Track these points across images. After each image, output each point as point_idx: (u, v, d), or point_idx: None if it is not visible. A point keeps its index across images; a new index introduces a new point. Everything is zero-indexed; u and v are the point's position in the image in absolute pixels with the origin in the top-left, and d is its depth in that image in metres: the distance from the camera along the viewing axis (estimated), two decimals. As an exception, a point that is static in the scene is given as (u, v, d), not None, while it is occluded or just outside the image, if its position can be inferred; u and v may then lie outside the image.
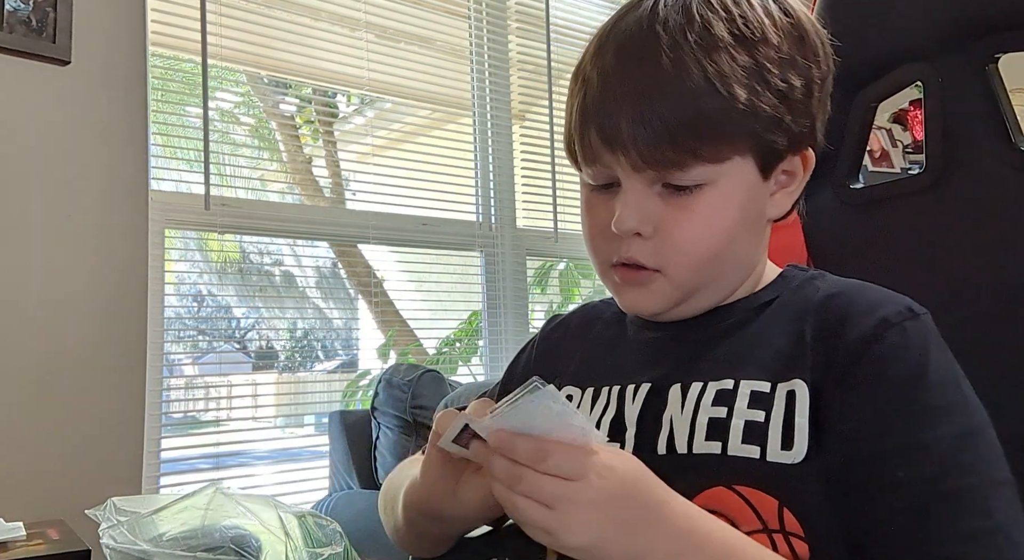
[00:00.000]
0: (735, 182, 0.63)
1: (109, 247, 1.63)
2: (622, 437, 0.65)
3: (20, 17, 1.54)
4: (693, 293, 0.66)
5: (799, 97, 0.63)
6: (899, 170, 2.28)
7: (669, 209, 0.63)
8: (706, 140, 0.60)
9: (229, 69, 2.07)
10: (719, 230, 0.64)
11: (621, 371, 0.70)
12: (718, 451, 0.59)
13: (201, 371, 2.19)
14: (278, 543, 0.70)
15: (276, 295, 2.28)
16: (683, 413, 0.63)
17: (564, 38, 2.59)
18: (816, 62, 0.65)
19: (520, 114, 2.53)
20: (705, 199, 0.62)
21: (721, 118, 0.60)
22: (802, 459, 0.57)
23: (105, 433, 1.59)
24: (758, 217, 0.67)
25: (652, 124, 0.60)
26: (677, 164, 0.61)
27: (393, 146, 2.41)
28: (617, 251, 0.66)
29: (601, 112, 0.63)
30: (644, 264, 0.64)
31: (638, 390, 0.67)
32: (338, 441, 1.85)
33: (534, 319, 2.53)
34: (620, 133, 0.61)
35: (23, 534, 1.11)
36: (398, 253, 2.41)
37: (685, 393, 0.64)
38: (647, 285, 0.66)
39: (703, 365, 0.65)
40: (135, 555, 0.54)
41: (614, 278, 0.68)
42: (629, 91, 0.61)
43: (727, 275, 0.67)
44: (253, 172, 2.20)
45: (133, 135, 1.68)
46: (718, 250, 0.64)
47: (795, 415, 0.58)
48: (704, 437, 0.60)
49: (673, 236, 0.63)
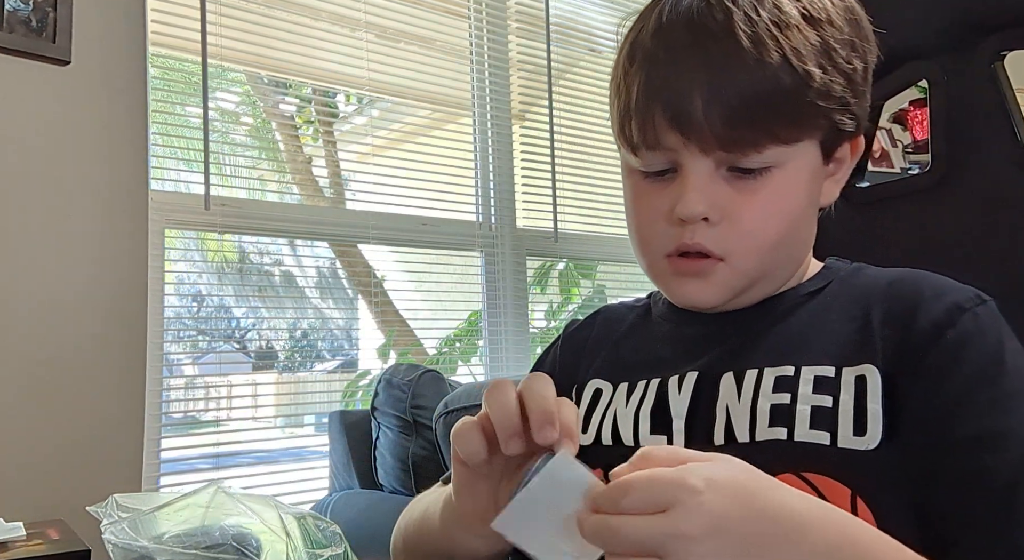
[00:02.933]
0: (801, 165, 0.61)
1: (109, 247, 1.63)
2: (668, 429, 0.63)
3: (20, 17, 1.54)
4: (753, 283, 0.64)
5: (860, 80, 0.62)
6: (899, 170, 2.28)
7: (736, 193, 0.60)
8: (782, 119, 0.59)
9: (229, 69, 2.07)
10: (786, 215, 0.62)
11: (659, 365, 0.67)
12: (784, 437, 0.57)
13: (201, 371, 2.18)
14: (278, 542, 0.70)
15: (276, 295, 2.27)
16: (740, 401, 0.60)
17: (564, 38, 2.59)
18: (870, 47, 0.64)
19: (520, 114, 2.53)
20: (773, 183, 0.60)
21: (798, 96, 0.58)
22: (876, 446, 0.55)
23: (105, 433, 1.59)
24: (816, 203, 0.65)
25: (729, 101, 0.58)
26: (752, 144, 0.59)
27: (393, 146, 2.41)
28: (674, 241, 0.62)
29: (671, 89, 0.60)
30: (710, 251, 0.61)
31: (683, 381, 0.64)
32: (338, 441, 1.85)
33: (534, 319, 2.53)
34: (693, 111, 0.58)
35: (23, 534, 1.10)
36: (398, 253, 2.40)
37: (740, 381, 0.61)
38: (708, 275, 0.62)
39: (754, 354, 0.63)
40: (136, 552, 0.54)
41: (668, 270, 0.64)
42: (704, 66, 0.59)
43: (786, 264, 0.65)
44: (253, 172, 2.20)
45: (133, 135, 1.67)
46: (784, 236, 0.62)
47: (867, 401, 0.56)
48: (767, 423, 0.58)
49: (742, 221, 0.61)
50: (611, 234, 2.63)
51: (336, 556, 0.76)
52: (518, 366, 2.38)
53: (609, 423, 0.66)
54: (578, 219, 2.58)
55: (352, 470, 1.81)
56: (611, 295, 2.76)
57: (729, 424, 0.60)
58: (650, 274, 0.68)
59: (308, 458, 2.06)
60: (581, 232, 2.59)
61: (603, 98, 2.60)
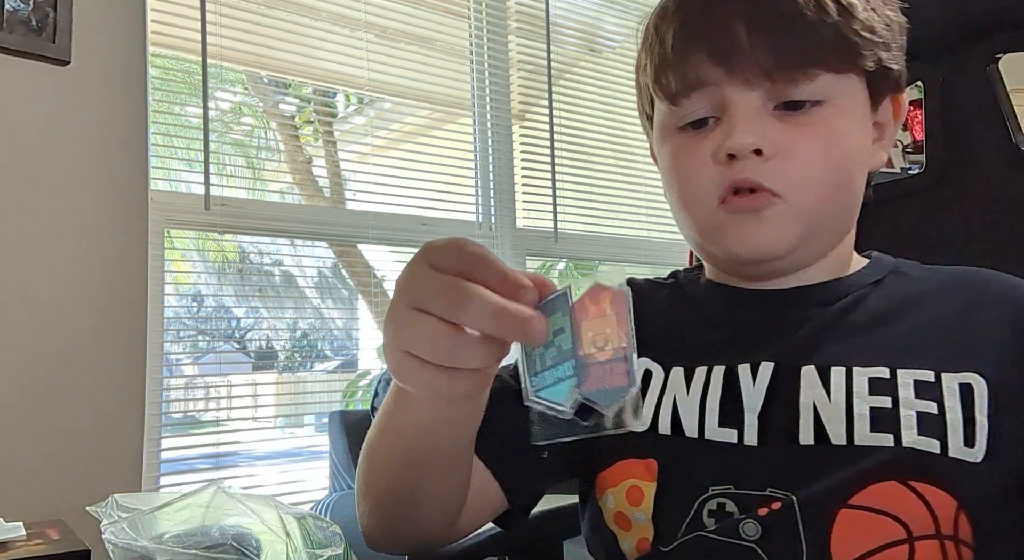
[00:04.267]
0: (851, 104, 0.59)
1: (109, 247, 1.63)
2: (740, 424, 0.57)
3: (20, 17, 1.54)
4: (814, 232, 0.60)
5: (898, 31, 0.61)
6: (899, 170, 2.29)
7: (787, 127, 0.57)
8: (832, 46, 0.56)
9: (229, 69, 2.07)
10: (843, 152, 0.58)
11: (720, 351, 0.62)
12: (890, 443, 0.53)
13: (201, 371, 2.18)
14: (278, 542, 0.70)
15: (276, 295, 2.27)
16: (832, 400, 0.55)
17: (564, 38, 2.58)
18: (898, 8, 0.63)
19: (520, 114, 2.53)
20: (825, 117, 0.58)
21: (844, 26, 0.57)
22: (982, 458, 0.52)
23: (105, 433, 1.59)
24: (866, 161, 0.62)
25: (775, 29, 0.56)
26: (803, 70, 0.56)
27: (393, 146, 2.41)
28: (724, 180, 0.58)
29: (711, 24, 0.58)
30: (765, 186, 0.57)
31: (758, 370, 0.59)
32: (338, 441, 1.85)
33: (534, 319, 2.53)
34: (736, 42, 0.56)
35: (23, 534, 1.10)
36: (398, 253, 2.40)
37: (825, 378, 0.56)
38: (767, 213, 0.58)
39: (833, 348, 0.58)
40: (136, 552, 0.54)
41: (723, 218, 0.59)
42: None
43: (843, 217, 0.62)
44: (253, 172, 2.20)
45: (133, 135, 1.68)
46: (842, 175, 0.59)
47: (974, 411, 0.53)
48: (868, 428, 0.54)
49: (797, 155, 0.57)
50: (611, 234, 2.63)
51: (336, 556, 0.76)
52: (518, 366, 2.38)
53: (667, 411, 0.61)
54: (578, 219, 2.58)
55: (352, 470, 1.80)
56: (611, 295, 2.75)
57: (819, 424, 0.55)
58: (701, 234, 0.62)
59: (308, 458, 2.06)
60: (581, 232, 2.59)
61: (603, 98, 2.60)
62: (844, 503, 0.52)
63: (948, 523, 0.51)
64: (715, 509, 0.55)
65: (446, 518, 0.62)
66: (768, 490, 0.54)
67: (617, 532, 0.61)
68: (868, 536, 0.51)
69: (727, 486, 0.55)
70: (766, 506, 0.53)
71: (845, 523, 0.52)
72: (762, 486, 0.54)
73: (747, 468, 0.56)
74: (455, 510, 0.62)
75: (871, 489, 0.52)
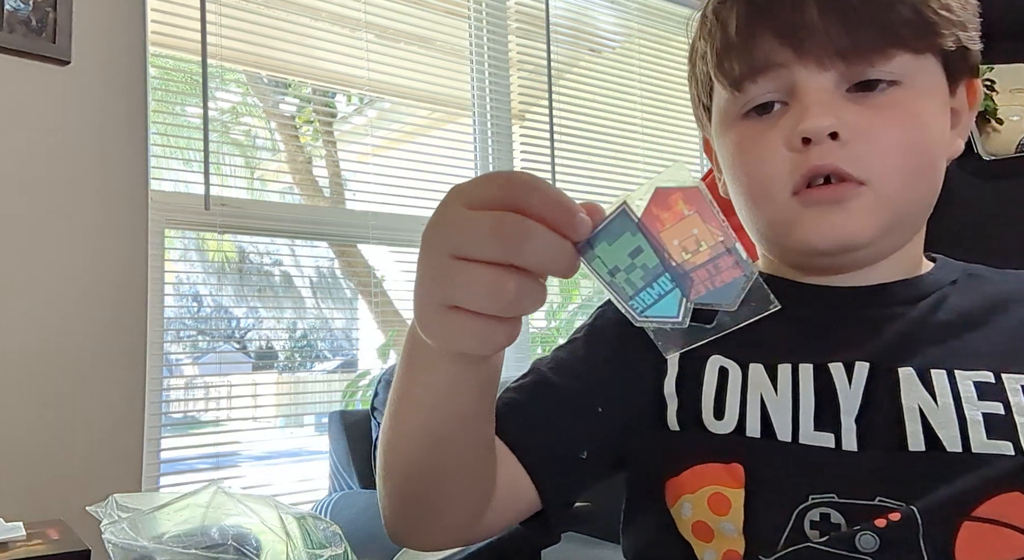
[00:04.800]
0: (929, 87, 0.56)
1: (109, 247, 1.63)
2: (836, 427, 0.54)
3: (20, 17, 1.54)
4: (899, 221, 0.56)
5: (973, 14, 0.58)
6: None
7: (864, 109, 0.54)
8: (910, 24, 0.53)
9: (229, 69, 2.07)
10: (924, 135, 0.55)
11: (801, 348, 0.57)
12: (1011, 452, 0.50)
13: (201, 371, 2.18)
14: (278, 543, 0.70)
15: (276, 295, 2.27)
16: (939, 405, 0.52)
17: (564, 38, 2.58)
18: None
19: (520, 114, 2.53)
20: (903, 100, 0.54)
21: (921, 2, 0.54)
22: None
23: (105, 433, 1.59)
24: (946, 143, 0.58)
25: (848, 5, 0.53)
26: (878, 49, 0.53)
27: (393, 146, 2.41)
28: (800, 168, 0.54)
29: (778, 4, 0.55)
30: (848, 172, 0.53)
31: (852, 370, 0.55)
32: (338, 441, 1.85)
33: (534, 319, 2.53)
34: (808, 21, 0.53)
35: (23, 534, 1.10)
36: (398, 253, 2.40)
37: (927, 381, 0.53)
38: (851, 202, 0.54)
39: (928, 348, 0.55)
40: (136, 552, 0.54)
41: (799, 210, 0.55)
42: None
43: (924, 209, 0.59)
44: (253, 172, 2.20)
45: (133, 135, 1.68)
46: (925, 159, 0.55)
47: None
48: (985, 435, 0.51)
49: (878, 137, 0.53)
50: (611, 234, 2.63)
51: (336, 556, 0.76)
52: (518, 366, 2.38)
53: (755, 411, 0.56)
54: (578, 219, 2.58)
55: (352, 470, 1.81)
56: (611, 295, 2.75)
57: (929, 429, 0.52)
58: (773, 228, 0.58)
59: (308, 458, 2.06)
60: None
61: (603, 98, 2.60)
62: (968, 515, 0.49)
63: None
64: (818, 520, 0.52)
65: (473, 507, 0.56)
66: (878, 499, 0.51)
67: (694, 543, 0.56)
68: (993, 551, 0.49)
69: (828, 495, 0.52)
70: (883, 517, 0.50)
71: (969, 536, 0.49)
72: (870, 495, 0.51)
73: (851, 476, 0.52)
74: (482, 497, 0.56)
75: (995, 500, 0.49)
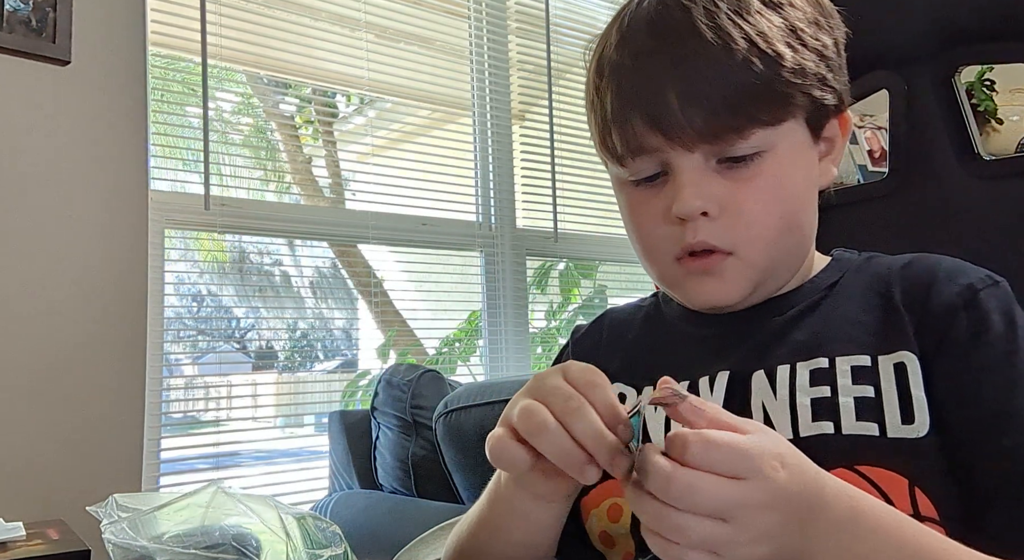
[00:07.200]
0: (791, 146, 0.61)
1: (109, 247, 1.63)
2: None
3: (20, 17, 1.54)
4: (768, 275, 0.63)
5: (832, 55, 0.62)
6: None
7: (731, 183, 0.59)
8: (763, 102, 0.58)
9: (229, 69, 2.07)
10: (786, 198, 0.61)
11: (683, 367, 0.65)
12: (831, 431, 0.56)
13: (201, 371, 2.18)
14: (278, 543, 0.70)
15: (276, 295, 2.28)
16: (777, 397, 0.59)
17: (564, 38, 2.59)
18: (836, 22, 0.64)
19: (520, 114, 2.53)
20: (766, 167, 0.59)
21: (773, 78, 0.58)
22: (925, 433, 0.54)
23: (105, 433, 1.59)
24: (815, 185, 0.64)
25: (705, 95, 0.57)
26: (736, 131, 0.58)
27: (393, 146, 2.41)
28: (678, 242, 0.61)
29: (644, 94, 0.59)
30: (716, 246, 0.60)
31: (715, 381, 0.62)
32: (338, 441, 1.85)
33: (534, 319, 2.53)
34: (670, 111, 0.58)
35: (23, 534, 1.10)
36: (398, 253, 2.40)
37: (772, 378, 0.60)
38: (721, 272, 0.61)
39: (781, 350, 0.61)
40: (136, 552, 0.54)
41: (680, 273, 0.63)
42: (673, 65, 0.58)
43: (795, 251, 0.64)
44: (253, 172, 2.20)
45: (133, 135, 1.68)
46: (788, 221, 0.61)
47: (910, 387, 0.56)
48: (811, 418, 0.57)
49: (743, 211, 0.59)
50: (611, 234, 2.63)
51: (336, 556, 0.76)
52: (518, 366, 2.38)
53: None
54: (578, 219, 2.58)
55: (352, 470, 1.81)
56: (611, 295, 2.76)
57: (768, 421, 0.58)
58: (663, 283, 0.66)
59: (308, 458, 2.06)
60: (581, 232, 2.59)
61: (603, 98, 2.60)
62: None
63: (904, 501, 0.53)
64: None
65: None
66: None
67: (604, 551, 0.65)
68: None
69: None
70: None
71: None
72: None
73: None
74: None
75: None
